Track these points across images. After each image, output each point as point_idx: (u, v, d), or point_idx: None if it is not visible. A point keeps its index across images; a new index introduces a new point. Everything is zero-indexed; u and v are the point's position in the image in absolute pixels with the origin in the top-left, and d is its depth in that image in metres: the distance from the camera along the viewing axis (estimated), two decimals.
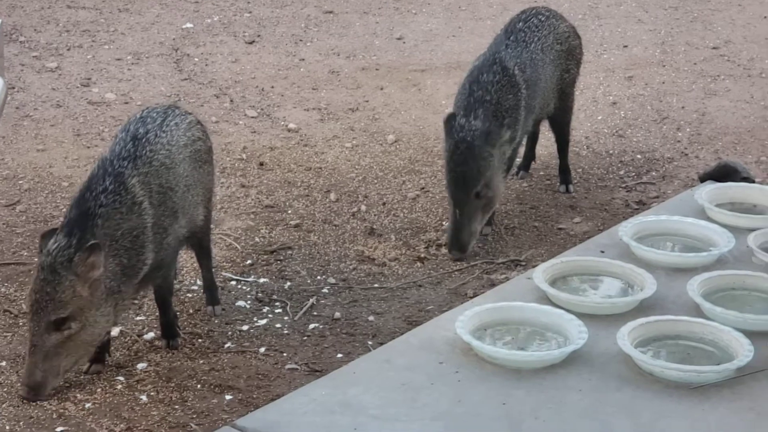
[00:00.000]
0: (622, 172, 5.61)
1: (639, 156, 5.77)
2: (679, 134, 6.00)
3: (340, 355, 4.17)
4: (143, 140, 4.02)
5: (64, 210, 5.05)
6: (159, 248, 3.96)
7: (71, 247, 3.71)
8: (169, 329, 4.17)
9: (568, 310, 3.60)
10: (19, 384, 3.89)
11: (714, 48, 7.10)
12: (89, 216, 3.80)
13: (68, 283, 3.70)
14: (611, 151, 5.82)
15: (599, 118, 6.17)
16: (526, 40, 5.02)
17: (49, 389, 3.82)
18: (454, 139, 4.69)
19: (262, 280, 4.64)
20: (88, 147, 5.66)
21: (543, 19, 5.15)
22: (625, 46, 7.11)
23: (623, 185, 5.49)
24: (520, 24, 5.11)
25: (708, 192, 4.35)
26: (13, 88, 6.19)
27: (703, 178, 4.67)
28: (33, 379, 3.79)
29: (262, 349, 4.19)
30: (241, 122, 6.01)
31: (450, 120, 4.73)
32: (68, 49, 6.79)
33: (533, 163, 5.57)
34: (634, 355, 3.37)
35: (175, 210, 4.04)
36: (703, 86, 6.56)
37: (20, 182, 5.31)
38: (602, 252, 4.02)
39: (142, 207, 3.91)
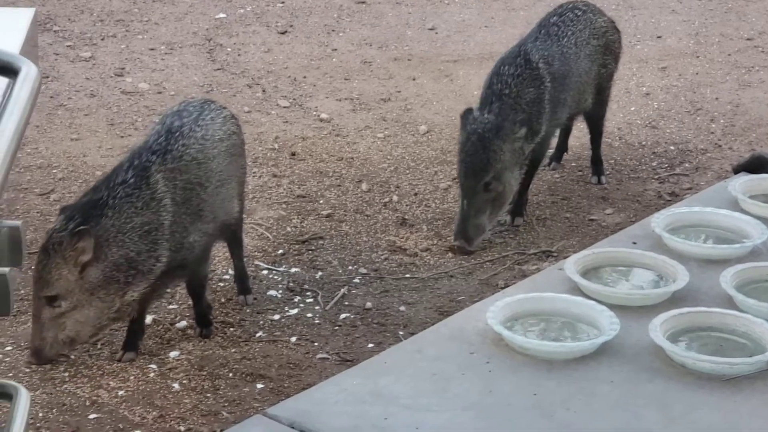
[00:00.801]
0: (654, 164, 5.59)
1: (672, 147, 5.74)
2: (713, 125, 5.97)
3: (371, 345, 4.18)
4: (177, 134, 4.04)
5: None
6: (178, 247, 3.97)
7: (65, 231, 3.78)
8: (202, 318, 4.20)
9: (599, 302, 3.59)
10: (48, 368, 3.94)
11: (748, 39, 7.06)
12: (99, 205, 3.85)
13: (55, 264, 3.80)
14: (644, 143, 5.79)
15: (632, 109, 6.14)
16: (559, 34, 5.00)
17: (48, 356, 3.90)
18: (467, 131, 4.72)
19: (293, 269, 4.65)
20: (122, 136, 5.69)
21: (579, 13, 5.13)
22: (659, 37, 7.08)
23: (656, 176, 5.46)
24: (555, 18, 5.10)
25: (741, 183, 4.33)
26: (47, 77, 6.23)
27: (737, 170, 4.64)
28: (33, 345, 3.91)
29: (294, 339, 4.20)
30: (273, 112, 6.02)
31: (466, 113, 4.76)
32: (102, 39, 6.82)
33: (565, 154, 5.55)
34: (666, 347, 3.36)
35: (200, 208, 4.04)
36: (737, 77, 6.52)
37: (54, 171, 5.34)
38: (634, 243, 4.01)
39: (162, 204, 3.93)
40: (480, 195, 4.68)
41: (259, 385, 3.93)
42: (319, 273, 4.64)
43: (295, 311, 4.38)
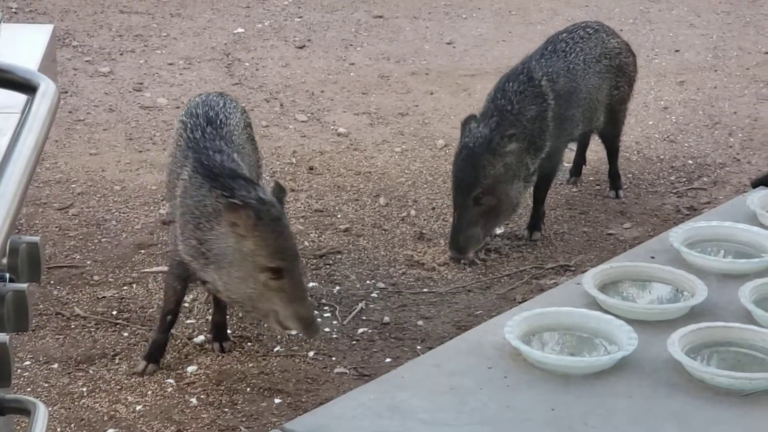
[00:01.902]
0: (673, 178, 5.58)
1: (690, 161, 5.73)
2: (731, 139, 5.96)
3: (388, 360, 4.17)
4: (218, 122, 4.06)
5: (117, 213, 5.11)
6: None
7: None
8: (221, 331, 4.19)
9: (617, 316, 3.58)
10: (66, 383, 3.94)
11: (767, 53, 7.04)
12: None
13: None
14: (662, 157, 5.79)
15: (650, 123, 6.13)
16: (566, 50, 5.00)
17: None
18: (461, 143, 4.74)
19: (311, 284, 4.65)
20: (140, 151, 5.71)
21: (591, 32, 5.12)
22: (677, 51, 7.07)
23: (674, 191, 5.45)
24: (564, 35, 5.10)
25: (760, 198, 4.32)
26: (66, 92, 6.25)
27: (755, 184, 4.63)
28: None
29: (311, 353, 4.21)
30: (290, 126, 6.04)
31: (464, 124, 4.78)
32: (121, 54, 6.85)
33: (584, 167, 5.54)
34: (685, 362, 3.35)
35: None
36: (755, 91, 6.51)
37: (73, 186, 5.36)
38: (652, 258, 4.00)
39: None
40: (471, 208, 4.69)
41: (277, 400, 3.94)
42: (337, 287, 4.64)
43: None
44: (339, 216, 5.18)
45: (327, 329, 4.36)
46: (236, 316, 4.40)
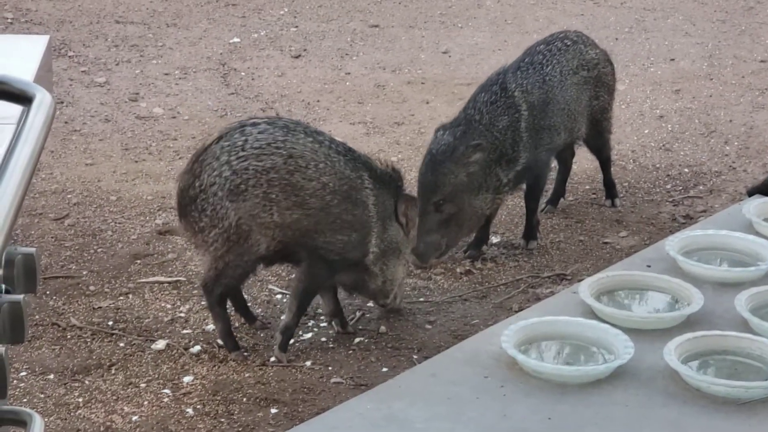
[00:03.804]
0: (668, 186, 5.58)
1: (686, 170, 5.74)
2: (727, 148, 5.97)
3: (385, 369, 4.17)
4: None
5: (112, 224, 5.11)
6: None
7: None
8: (341, 315, 4.42)
9: (614, 325, 3.59)
10: (62, 394, 3.93)
11: (762, 61, 7.06)
12: None
13: None
14: (658, 165, 5.79)
15: (646, 131, 6.14)
16: (543, 62, 4.99)
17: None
18: (428, 150, 4.76)
19: None
20: (136, 161, 5.71)
21: (569, 43, 5.11)
22: (672, 60, 7.08)
23: (670, 199, 5.46)
24: (542, 46, 5.09)
25: (756, 206, 4.33)
26: (62, 102, 6.25)
27: (751, 192, 4.64)
28: None
29: (308, 363, 4.20)
30: None
31: (435, 131, 4.80)
32: (117, 64, 6.85)
33: (563, 199, 5.38)
34: (681, 371, 3.35)
35: None
36: (751, 100, 6.52)
37: (69, 196, 5.36)
38: (648, 266, 4.01)
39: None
40: (431, 214, 4.69)
41: (274, 410, 3.93)
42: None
43: (309, 335, 4.38)
44: None
45: (324, 339, 4.35)
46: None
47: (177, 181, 4.21)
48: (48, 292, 4.57)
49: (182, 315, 4.45)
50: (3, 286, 1.83)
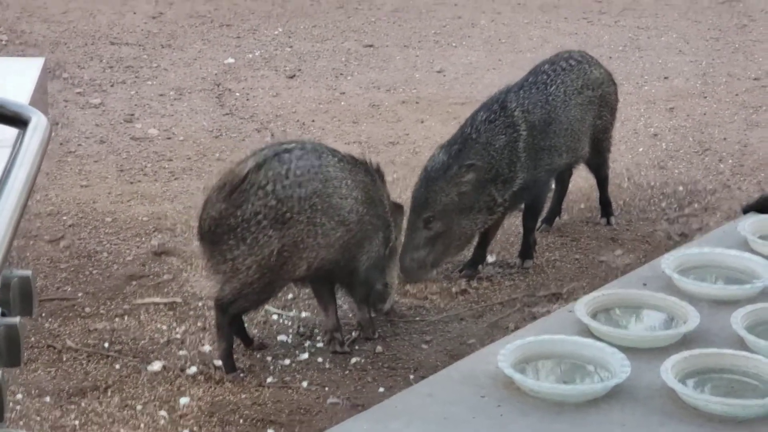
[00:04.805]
0: (663, 204, 5.59)
1: (681, 188, 5.74)
2: (721, 166, 5.98)
3: (381, 389, 4.16)
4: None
5: (108, 245, 5.10)
6: None
7: None
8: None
9: (610, 344, 3.58)
10: (58, 416, 3.92)
11: (755, 79, 7.07)
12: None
13: None
14: (653, 183, 5.80)
15: (640, 149, 6.15)
16: (547, 82, 4.99)
17: None
18: (423, 167, 4.79)
19: (303, 314, 4.65)
20: (131, 182, 5.71)
21: (573, 63, 5.11)
22: (666, 78, 7.10)
23: (665, 217, 5.46)
24: (546, 66, 5.09)
25: (751, 224, 4.33)
26: (57, 124, 6.26)
27: (746, 210, 4.64)
28: None
29: (305, 384, 4.19)
30: None
31: (435, 149, 4.82)
32: (112, 85, 6.86)
33: (558, 218, 5.40)
34: (678, 389, 3.35)
35: None
36: (745, 117, 6.53)
37: (64, 218, 5.36)
38: (644, 284, 4.00)
39: None
40: (420, 231, 4.71)
41: (270, 431, 3.92)
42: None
43: (305, 356, 4.38)
44: None
45: (320, 359, 4.35)
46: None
47: (206, 209, 4.17)
48: (43, 314, 4.56)
49: (178, 336, 4.44)
50: None
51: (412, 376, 4.23)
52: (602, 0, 8.53)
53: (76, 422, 3.96)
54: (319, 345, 4.44)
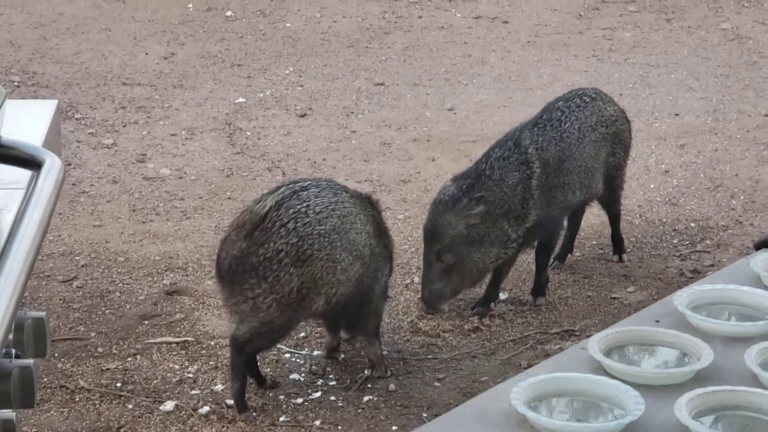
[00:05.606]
0: (675, 241, 5.58)
1: (693, 224, 5.74)
2: (733, 202, 5.97)
3: (395, 428, 4.16)
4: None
5: (120, 285, 5.11)
6: None
7: None
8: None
9: (624, 381, 3.57)
10: None
11: (766, 115, 7.08)
12: None
13: None
14: (664, 220, 5.80)
15: (652, 186, 6.15)
16: (561, 119, 5.00)
17: None
18: (433, 199, 4.85)
19: (315, 352, 4.64)
20: (144, 222, 5.72)
21: (588, 100, 5.12)
22: (677, 114, 7.11)
23: (677, 254, 5.46)
24: (561, 103, 5.10)
25: (764, 260, 4.32)
26: (70, 164, 6.28)
27: (759, 246, 4.63)
28: None
29: (317, 422, 4.19)
30: None
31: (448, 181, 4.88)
32: (124, 126, 6.89)
33: (570, 255, 5.40)
34: (693, 427, 3.34)
35: None
36: (756, 153, 6.54)
37: (77, 258, 5.37)
38: (657, 321, 4.00)
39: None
40: (433, 264, 4.76)
41: None
42: (342, 355, 4.63)
43: (318, 394, 4.37)
44: None
45: (333, 398, 4.34)
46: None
47: (225, 248, 4.17)
48: (56, 355, 4.57)
49: (190, 375, 4.44)
50: (13, 351, 1.83)
51: (425, 415, 4.22)
52: (612, 38, 8.55)
53: None
54: (332, 383, 4.44)
